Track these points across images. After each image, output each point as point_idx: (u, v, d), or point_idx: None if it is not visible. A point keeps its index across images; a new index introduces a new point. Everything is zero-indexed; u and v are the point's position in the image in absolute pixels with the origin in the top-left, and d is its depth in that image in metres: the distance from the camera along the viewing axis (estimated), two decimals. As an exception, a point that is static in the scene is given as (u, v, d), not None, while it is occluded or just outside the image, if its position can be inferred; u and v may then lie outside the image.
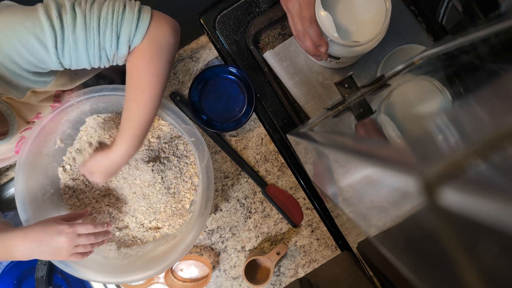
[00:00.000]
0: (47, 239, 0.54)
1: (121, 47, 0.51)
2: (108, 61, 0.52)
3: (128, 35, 0.50)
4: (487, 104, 0.16)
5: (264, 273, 0.75)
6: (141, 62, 0.52)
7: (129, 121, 0.55)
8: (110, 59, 0.52)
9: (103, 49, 0.50)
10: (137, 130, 0.55)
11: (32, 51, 0.46)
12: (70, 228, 0.55)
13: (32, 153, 0.64)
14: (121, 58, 0.53)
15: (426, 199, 0.12)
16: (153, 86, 0.53)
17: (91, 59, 0.51)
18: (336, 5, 0.61)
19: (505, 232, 0.10)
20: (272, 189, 0.76)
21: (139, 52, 0.51)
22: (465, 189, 0.11)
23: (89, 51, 0.50)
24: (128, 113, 0.55)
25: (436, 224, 0.12)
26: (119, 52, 0.51)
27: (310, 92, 0.74)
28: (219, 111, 0.74)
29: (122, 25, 0.49)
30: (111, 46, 0.50)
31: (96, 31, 0.48)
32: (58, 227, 0.54)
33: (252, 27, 0.74)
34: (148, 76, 0.52)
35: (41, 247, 0.54)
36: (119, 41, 0.50)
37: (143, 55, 0.51)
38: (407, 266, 0.18)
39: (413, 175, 0.13)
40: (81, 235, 0.56)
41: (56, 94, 0.62)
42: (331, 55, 0.64)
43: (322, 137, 0.41)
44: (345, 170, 0.27)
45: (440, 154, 0.12)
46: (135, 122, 0.54)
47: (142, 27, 0.50)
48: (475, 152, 0.12)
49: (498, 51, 0.31)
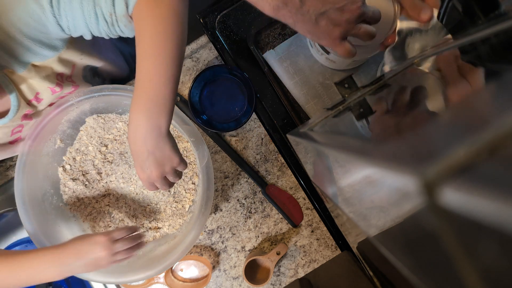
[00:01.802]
0: (85, 251, 0.54)
1: (117, 3, 0.45)
2: (107, 23, 0.48)
3: None
4: (487, 103, 0.16)
5: (264, 273, 0.75)
6: (144, 21, 0.45)
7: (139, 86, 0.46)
8: (108, 20, 0.47)
9: (98, 6, 0.46)
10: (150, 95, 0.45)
11: (28, 10, 0.46)
12: (104, 236, 0.55)
13: (32, 153, 0.64)
14: (120, 18, 0.47)
15: (426, 199, 0.12)
16: (160, 41, 0.45)
17: (87, 19, 0.47)
18: None
19: (505, 232, 0.10)
20: (272, 189, 0.76)
21: (139, 9, 0.45)
22: (465, 189, 0.11)
23: (83, 7, 0.46)
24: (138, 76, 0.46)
25: (436, 224, 0.12)
26: (116, 9, 0.46)
27: (310, 92, 0.74)
28: (219, 111, 0.74)
29: None
30: (106, 2, 0.45)
31: None
32: (93, 238, 0.55)
33: (252, 27, 0.74)
34: (156, 36, 0.45)
35: (80, 263, 0.54)
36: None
37: (144, 12, 0.45)
38: (407, 266, 0.18)
39: (413, 175, 0.13)
40: (118, 241, 0.56)
41: (58, 77, 0.60)
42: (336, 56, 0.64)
43: (322, 137, 0.41)
44: (345, 170, 0.27)
45: (440, 154, 0.12)
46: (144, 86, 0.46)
47: None
48: (475, 152, 0.12)
49: (498, 51, 0.31)
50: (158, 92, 0.45)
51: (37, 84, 0.57)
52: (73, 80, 0.65)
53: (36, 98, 0.59)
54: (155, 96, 0.45)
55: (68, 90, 0.64)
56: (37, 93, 0.58)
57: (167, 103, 0.46)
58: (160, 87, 0.45)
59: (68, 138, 0.71)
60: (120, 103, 0.70)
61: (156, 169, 0.50)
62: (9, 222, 0.84)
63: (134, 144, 0.47)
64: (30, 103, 0.59)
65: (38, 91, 0.58)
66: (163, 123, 0.47)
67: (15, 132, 0.62)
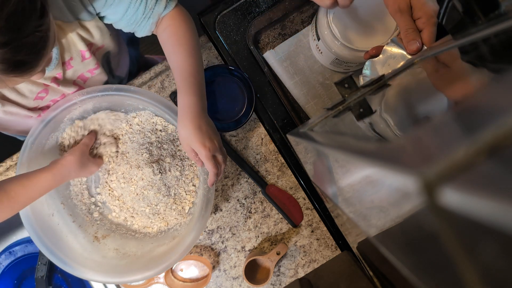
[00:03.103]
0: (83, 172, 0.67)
1: (159, 3, 0.59)
2: (143, 13, 0.59)
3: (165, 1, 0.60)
4: (487, 103, 0.16)
5: (264, 273, 0.75)
6: (177, 23, 0.61)
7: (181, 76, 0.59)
8: (146, 12, 0.59)
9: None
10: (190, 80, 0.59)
11: None
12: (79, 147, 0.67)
13: (33, 150, 0.64)
14: (154, 16, 0.60)
15: (426, 199, 0.12)
16: (191, 39, 0.61)
17: (132, 2, 0.57)
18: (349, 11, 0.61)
19: (505, 232, 0.10)
20: (272, 189, 0.76)
21: (172, 17, 0.61)
22: (465, 189, 0.11)
23: None
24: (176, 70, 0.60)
25: (436, 224, 0.12)
26: (156, 7, 0.59)
27: (310, 92, 0.74)
28: (219, 111, 0.74)
29: None
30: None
31: None
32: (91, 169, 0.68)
33: (252, 27, 0.74)
34: (185, 31, 0.61)
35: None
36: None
37: (176, 18, 0.61)
38: (407, 266, 0.18)
39: (413, 175, 0.13)
40: None
41: (88, 45, 0.64)
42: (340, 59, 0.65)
43: (322, 137, 0.41)
44: (345, 170, 0.27)
45: (440, 154, 0.12)
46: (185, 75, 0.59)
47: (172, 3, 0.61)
48: (475, 152, 0.12)
49: (498, 51, 0.31)
50: (199, 80, 0.60)
51: (74, 45, 0.61)
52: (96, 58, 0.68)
53: (69, 63, 0.63)
54: (198, 84, 0.59)
55: (92, 65, 0.67)
56: (71, 58, 0.62)
57: (204, 89, 0.61)
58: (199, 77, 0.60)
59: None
60: (123, 103, 0.70)
61: (212, 142, 0.59)
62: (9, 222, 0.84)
63: (193, 123, 0.57)
64: (63, 65, 0.62)
65: (72, 56, 0.62)
66: (206, 104, 0.61)
67: (39, 97, 0.64)
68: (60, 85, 0.64)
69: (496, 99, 0.14)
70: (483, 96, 0.16)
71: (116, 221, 0.74)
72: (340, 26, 0.61)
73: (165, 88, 0.77)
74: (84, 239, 0.70)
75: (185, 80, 0.59)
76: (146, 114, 0.71)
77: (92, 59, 0.65)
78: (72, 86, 0.67)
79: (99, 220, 0.73)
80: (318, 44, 0.68)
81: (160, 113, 0.69)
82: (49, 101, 0.67)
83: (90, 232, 0.72)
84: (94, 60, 0.66)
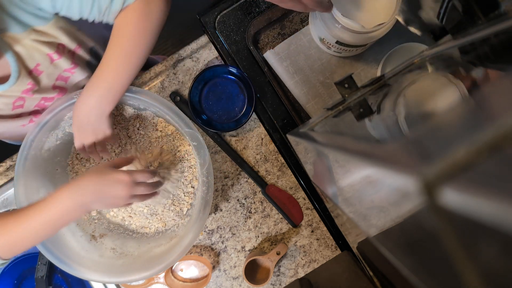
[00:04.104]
0: (106, 189, 0.50)
1: (115, 1, 0.51)
2: (99, 13, 0.52)
3: None
4: (487, 103, 0.16)
5: (264, 273, 0.75)
6: (131, 18, 0.52)
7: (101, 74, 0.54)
8: (102, 11, 0.52)
9: None
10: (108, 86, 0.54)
11: None
12: (129, 177, 0.51)
13: (33, 147, 0.64)
14: (113, 13, 0.52)
15: (426, 199, 0.12)
16: (134, 44, 0.53)
17: (83, 5, 0.50)
18: None
19: (505, 232, 0.10)
20: (272, 189, 0.76)
21: (130, 11, 0.52)
22: (465, 189, 0.11)
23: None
24: (103, 66, 0.54)
25: (436, 224, 0.12)
26: (112, 6, 0.51)
27: (310, 92, 0.74)
28: (219, 111, 0.74)
29: None
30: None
31: None
32: (116, 176, 0.51)
33: (252, 27, 0.74)
34: (135, 33, 0.53)
35: (98, 198, 0.51)
36: None
37: (134, 12, 0.52)
38: (407, 266, 0.18)
39: (413, 175, 0.13)
40: (140, 184, 0.53)
41: (58, 47, 0.60)
42: (340, 42, 0.64)
43: (322, 137, 0.41)
44: (345, 170, 0.27)
45: (440, 154, 0.12)
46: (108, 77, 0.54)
47: None
48: (475, 152, 0.12)
49: (498, 51, 0.31)
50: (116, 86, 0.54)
51: (37, 51, 0.57)
52: (74, 58, 0.65)
53: (36, 70, 0.59)
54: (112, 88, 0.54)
55: (67, 65, 0.63)
56: (38, 64, 0.59)
57: (118, 96, 0.56)
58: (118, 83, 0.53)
59: (70, 135, 0.71)
60: (125, 103, 0.70)
61: (91, 135, 0.59)
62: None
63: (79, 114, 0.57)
64: (31, 73, 0.59)
65: (38, 62, 0.58)
66: (108, 109, 0.57)
67: (17, 106, 0.62)
68: (36, 93, 0.62)
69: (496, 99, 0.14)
70: (483, 96, 0.16)
71: (114, 221, 0.74)
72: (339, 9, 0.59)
73: (165, 88, 0.77)
74: (82, 238, 0.70)
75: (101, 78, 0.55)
76: (147, 114, 0.71)
77: (64, 59, 0.62)
78: (52, 91, 0.65)
79: (97, 219, 0.73)
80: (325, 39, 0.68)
81: (161, 114, 0.69)
82: (33, 106, 0.65)
83: (87, 230, 0.72)
84: (68, 60, 0.63)
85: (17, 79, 0.56)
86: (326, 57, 0.74)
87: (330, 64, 0.74)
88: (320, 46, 0.73)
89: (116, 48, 0.54)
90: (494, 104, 0.14)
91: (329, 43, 0.68)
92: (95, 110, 0.56)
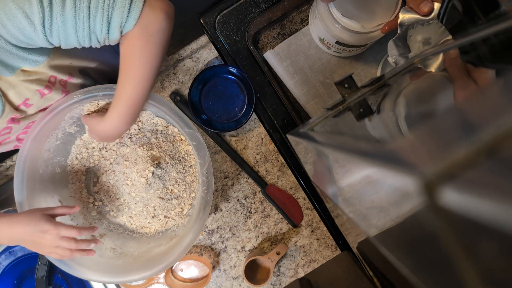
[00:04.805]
0: (30, 234, 0.54)
1: (112, 32, 0.49)
2: (99, 43, 0.52)
3: (119, 20, 0.48)
4: (487, 103, 0.16)
5: (264, 273, 0.75)
6: (133, 48, 0.51)
7: (119, 99, 0.56)
8: (101, 42, 0.52)
9: (93, 33, 0.49)
10: (125, 107, 0.56)
11: (18, 26, 0.45)
12: (54, 229, 0.54)
13: (33, 148, 0.64)
14: (113, 41, 0.52)
15: (426, 199, 0.12)
16: (143, 70, 0.54)
17: (80, 40, 0.50)
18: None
19: (505, 232, 0.10)
20: (272, 189, 0.76)
21: (132, 38, 0.51)
22: (465, 189, 0.11)
23: (78, 33, 0.48)
24: (118, 92, 0.56)
25: (436, 224, 0.12)
26: (110, 36, 0.50)
27: (310, 92, 0.74)
28: (219, 111, 0.74)
29: (113, 9, 0.47)
30: (101, 31, 0.49)
31: (86, 14, 0.47)
32: (43, 225, 0.54)
33: (252, 27, 0.74)
34: (140, 61, 0.53)
35: (24, 239, 0.55)
36: (110, 26, 0.49)
37: (135, 41, 0.51)
38: (407, 266, 0.18)
39: (413, 175, 0.13)
40: (64, 238, 0.55)
41: (49, 80, 0.60)
42: (340, 42, 0.64)
43: (322, 137, 0.41)
44: (345, 170, 0.27)
45: (440, 154, 0.12)
46: (124, 101, 0.56)
47: (134, 12, 0.48)
48: (476, 152, 0.12)
49: (498, 51, 0.31)
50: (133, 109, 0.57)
51: (26, 88, 0.56)
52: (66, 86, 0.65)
53: (25, 104, 0.59)
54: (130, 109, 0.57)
55: (58, 95, 0.63)
56: (27, 99, 0.58)
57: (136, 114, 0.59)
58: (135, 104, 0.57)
59: (70, 135, 0.71)
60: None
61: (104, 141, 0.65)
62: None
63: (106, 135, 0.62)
64: (18, 108, 0.59)
65: (27, 97, 0.58)
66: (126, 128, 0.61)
67: (3, 134, 0.62)
68: (22, 121, 0.62)
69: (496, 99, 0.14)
70: (483, 96, 0.16)
71: (114, 221, 0.74)
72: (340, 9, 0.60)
73: (165, 88, 0.77)
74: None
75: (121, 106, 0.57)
76: (147, 114, 0.71)
77: (55, 92, 0.62)
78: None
79: (97, 219, 0.73)
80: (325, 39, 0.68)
81: (161, 114, 0.69)
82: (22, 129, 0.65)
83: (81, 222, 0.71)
84: (59, 91, 0.63)
85: (0, 118, 0.56)
86: (326, 57, 0.74)
87: (330, 64, 0.74)
88: (320, 46, 0.73)
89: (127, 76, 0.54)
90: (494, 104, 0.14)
91: (329, 43, 0.68)
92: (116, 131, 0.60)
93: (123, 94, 0.56)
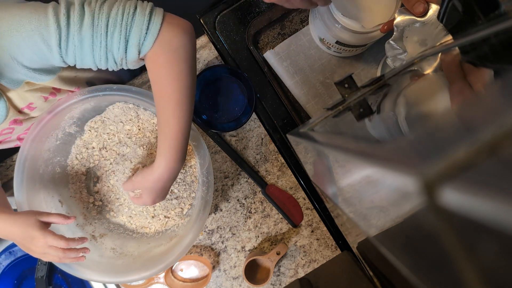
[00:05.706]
0: (21, 237, 0.55)
1: (130, 51, 0.48)
2: (116, 64, 0.50)
3: (138, 38, 0.47)
4: (487, 103, 0.16)
5: (264, 273, 0.75)
6: (158, 67, 0.49)
7: (163, 133, 0.53)
8: (117, 63, 0.50)
9: (110, 52, 0.48)
10: (173, 141, 0.53)
11: (33, 48, 0.45)
12: (42, 238, 0.54)
13: (33, 147, 0.64)
14: (131, 63, 0.51)
15: (426, 199, 0.12)
16: (177, 91, 0.50)
17: (97, 60, 0.49)
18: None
19: (505, 232, 0.10)
20: (272, 189, 0.76)
21: (154, 56, 0.49)
22: (465, 189, 0.11)
23: (95, 52, 0.48)
24: (161, 126, 0.53)
25: (436, 224, 0.12)
26: (127, 56, 0.49)
27: (310, 92, 0.74)
28: (219, 111, 0.74)
29: (132, 27, 0.47)
30: (118, 49, 0.48)
31: (104, 31, 0.46)
32: (32, 231, 0.54)
33: (252, 27, 0.74)
34: (170, 82, 0.50)
35: (16, 240, 0.56)
36: (128, 44, 0.48)
37: (158, 58, 0.49)
38: (407, 266, 0.18)
39: (413, 175, 0.13)
40: (52, 247, 0.55)
41: (54, 87, 0.60)
42: (340, 42, 0.64)
43: (322, 137, 0.41)
44: (345, 170, 0.27)
45: (440, 154, 0.12)
46: (168, 134, 0.52)
47: (153, 29, 0.47)
48: (475, 152, 0.12)
49: (498, 51, 0.31)
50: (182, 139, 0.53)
51: (31, 95, 0.56)
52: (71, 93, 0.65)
53: (29, 107, 0.59)
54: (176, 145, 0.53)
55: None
56: (30, 103, 0.58)
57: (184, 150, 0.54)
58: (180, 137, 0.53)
59: (70, 135, 0.71)
60: (125, 103, 0.70)
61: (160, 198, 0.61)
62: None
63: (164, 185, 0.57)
64: (21, 111, 0.59)
65: (31, 102, 0.58)
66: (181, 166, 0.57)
67: (5, 133, 0.62)
68: (24, 122, 0.62)
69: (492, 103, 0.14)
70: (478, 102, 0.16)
71: (114, 221, 0.74)
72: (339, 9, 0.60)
73: (165, 88, 0.77)
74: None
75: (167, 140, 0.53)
76: (147, 114, 0.71)
77: (60, 96, 0.62)
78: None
79: (97, 219, 0.73)
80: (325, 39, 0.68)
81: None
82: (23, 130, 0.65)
83: (87, 230, 0.72)
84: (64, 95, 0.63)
85: (2, 122, 0.56)
86: (326, 57, 0.74)
87: (330, 64, 0.74)
88: (320, 46, 0.73)
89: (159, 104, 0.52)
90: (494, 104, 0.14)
91: (329, 43, 0.68)
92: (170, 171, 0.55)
93: (164, 127, 0.52)
